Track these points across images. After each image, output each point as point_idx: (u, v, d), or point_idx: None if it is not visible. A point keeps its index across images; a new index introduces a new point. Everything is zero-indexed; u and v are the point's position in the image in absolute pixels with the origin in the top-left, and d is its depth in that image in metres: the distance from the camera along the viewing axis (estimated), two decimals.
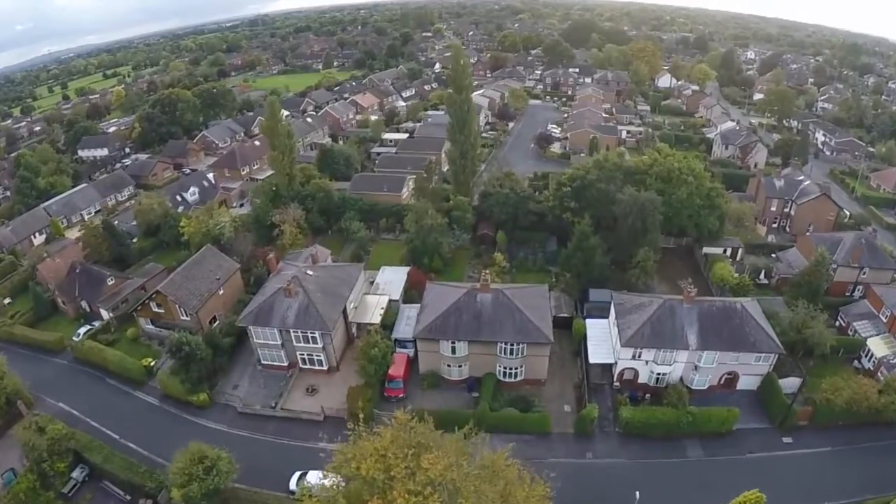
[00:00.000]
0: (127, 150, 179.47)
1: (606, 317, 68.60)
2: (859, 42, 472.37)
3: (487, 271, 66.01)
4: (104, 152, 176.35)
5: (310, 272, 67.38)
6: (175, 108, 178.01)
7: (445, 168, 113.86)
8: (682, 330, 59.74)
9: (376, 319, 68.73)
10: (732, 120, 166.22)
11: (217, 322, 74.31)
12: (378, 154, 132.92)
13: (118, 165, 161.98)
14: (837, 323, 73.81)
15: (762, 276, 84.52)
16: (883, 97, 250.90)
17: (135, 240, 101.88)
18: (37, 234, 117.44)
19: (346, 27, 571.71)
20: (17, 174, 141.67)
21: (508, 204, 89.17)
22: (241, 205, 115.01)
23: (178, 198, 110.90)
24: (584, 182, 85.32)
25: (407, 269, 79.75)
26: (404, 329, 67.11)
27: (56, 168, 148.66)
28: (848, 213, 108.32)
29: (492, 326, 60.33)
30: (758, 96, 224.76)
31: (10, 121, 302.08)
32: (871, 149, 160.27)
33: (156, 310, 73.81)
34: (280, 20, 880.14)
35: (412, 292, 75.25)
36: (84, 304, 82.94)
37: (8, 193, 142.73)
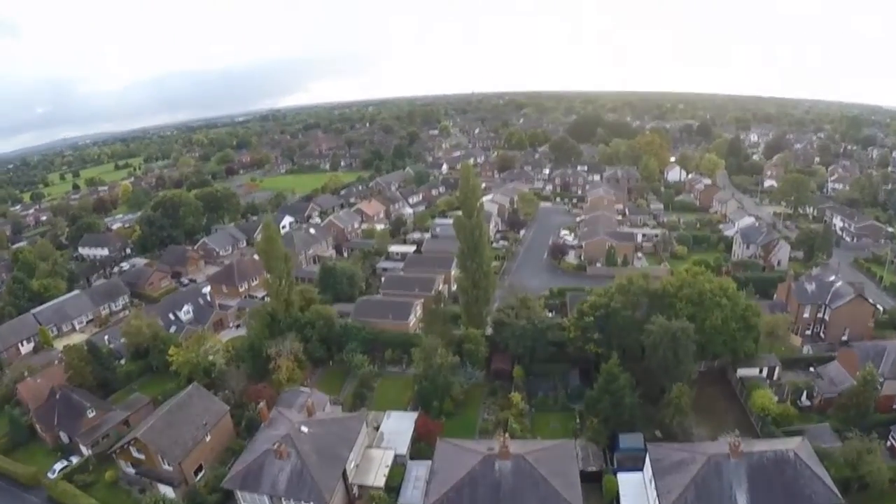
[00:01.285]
0: (128, 250, 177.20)
1: (639, 467, 61.04)
2: (855, 112, 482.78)
3: (506, 434, 59.12)
4: (104, 252, 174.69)
5: (304, 428, 60.64)
6: (177, 212, 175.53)
7: (454, 287, 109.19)
8: (730, 490, 52.06)
9: (380, 481, 61.37)
10: (750, 215, 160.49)
11: (203, 472, 66.99)
12: (384, 270, 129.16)
13: (116, 269, 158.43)
14: (888, 443, 66.57)
15: (804, 397, 77.51)
16: (890, 169, 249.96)
17: (122, 361, 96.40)
18: (24, 342, 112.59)
19: (354, 125, 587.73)
20: (12, 274, 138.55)
21: (526, 336, 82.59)
22: (238, 325, 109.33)
23: (172, 316, 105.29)
24: (607, 310, 79.56)
25: (415, 415, 72.86)
26: (412, 494, 59.81)
27: (52, 269, 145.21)
28: (882, 309, 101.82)
29: (513, 501, 52.98)
30: (768, 182, 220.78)
31: (18, 207, 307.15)
32: (891, 229, 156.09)
33: (136, 455, 66.90)
34: (291, 116, 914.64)
35: (421, 444, 68.23)
36: (63, 434, 77.04)
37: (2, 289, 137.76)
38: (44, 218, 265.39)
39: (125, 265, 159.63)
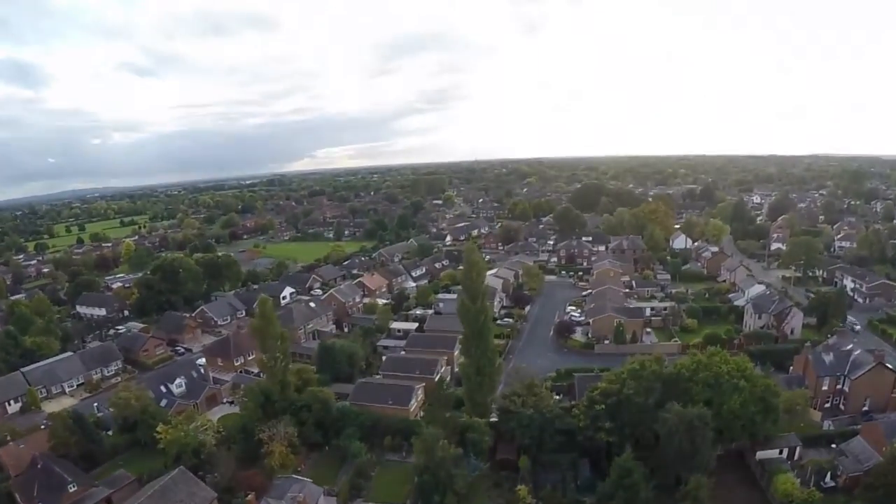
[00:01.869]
0: (126, 312, 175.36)
1: None
2: (855, 165, 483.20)
3: None
4: (102, 312, 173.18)
5: None
6: (177, 276, 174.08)
7: (457, 368, 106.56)
8: None
9: None
10: (760, 283, 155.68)
11: None
12: (385, 348, 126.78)
13: (112, 332, 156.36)
14: None
15: (828, 477, 73.44)
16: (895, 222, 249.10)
17: (109, 432, 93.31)
18: (11, 402, 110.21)
19: (359, 193, 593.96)
20: (5, 328, 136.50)
21: (533, 425, 79.07)
22: (231, 402, 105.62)
23: (163, 388, 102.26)
24: (619, 397, 76.54)
25: None
26: None
27: (45, 327, 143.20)
28: None
29: None
30: (775, 245, 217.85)
31: (22, 256, 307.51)
32: None
33: None
34: (297, 181, 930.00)
35: None
36: None
37: None
38: (45, 270, 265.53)
39: (121, 328, 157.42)
